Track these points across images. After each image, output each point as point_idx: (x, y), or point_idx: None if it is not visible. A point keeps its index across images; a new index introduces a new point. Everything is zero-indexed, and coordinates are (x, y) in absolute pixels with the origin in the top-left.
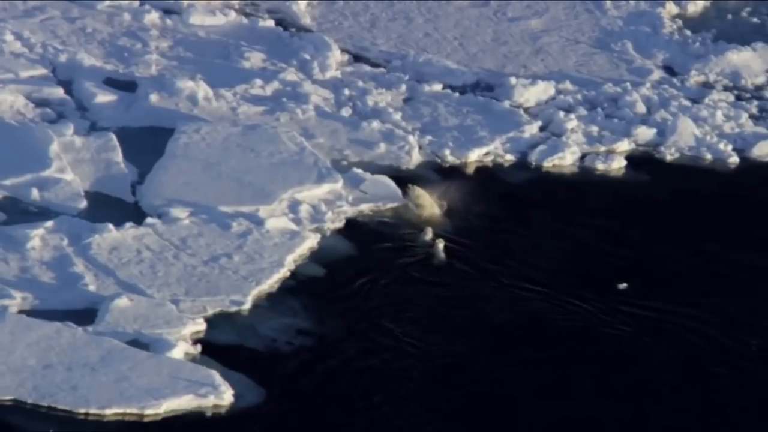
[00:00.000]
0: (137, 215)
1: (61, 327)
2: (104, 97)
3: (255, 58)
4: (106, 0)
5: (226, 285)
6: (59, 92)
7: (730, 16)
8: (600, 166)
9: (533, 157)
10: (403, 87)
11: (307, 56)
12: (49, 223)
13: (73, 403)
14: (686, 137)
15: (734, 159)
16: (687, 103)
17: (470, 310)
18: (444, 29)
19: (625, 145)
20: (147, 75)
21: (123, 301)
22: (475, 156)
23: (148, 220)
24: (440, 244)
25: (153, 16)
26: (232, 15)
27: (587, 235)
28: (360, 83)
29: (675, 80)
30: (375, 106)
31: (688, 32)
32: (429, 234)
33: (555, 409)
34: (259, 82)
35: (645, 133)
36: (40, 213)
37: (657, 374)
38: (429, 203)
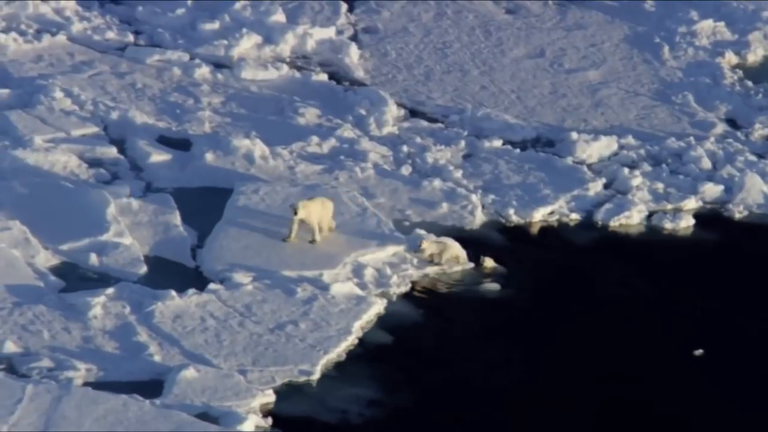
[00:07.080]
0: (199, 280)
1: (128, 400)
2: (158, 157)
3: (310, 114)
4: (156, 54)
5: (294, 354)
6: (112, 152)
7: None
8: (668, 225)
9: (599, 216)
10: (462, 143)
11: (363, 111)
12: (110, 290)
13: None
14: (754, 194)
15: None
16: (753, 158)
17: (543, 373)
18: (500, 82)
19: (692, 203)
20: (200, 132)
21: (190, 373)
22: (539, 215)
23: (211, 286)
24: (489, 261)
25: (203, 71)
26: (284, 69)
27: (661, 298)
28: (418, 139)
29: (739, 134)
30: (435, 163)
31: (749, 83)
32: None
33: None
34: (315, 139)
35: (712, 190)
36: (100, 279)
37: None
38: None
